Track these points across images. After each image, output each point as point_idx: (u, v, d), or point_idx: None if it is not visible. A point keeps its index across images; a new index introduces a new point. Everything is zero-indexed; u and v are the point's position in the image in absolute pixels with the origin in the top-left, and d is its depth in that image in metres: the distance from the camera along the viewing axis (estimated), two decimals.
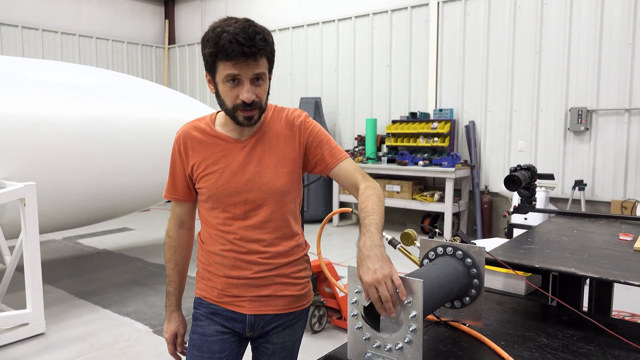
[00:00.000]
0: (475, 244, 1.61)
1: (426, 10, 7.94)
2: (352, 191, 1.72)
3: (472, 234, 7.42)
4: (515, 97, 7.18)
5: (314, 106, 8.63)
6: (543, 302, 1.91)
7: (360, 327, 1.30)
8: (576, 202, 6.58)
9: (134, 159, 5.21)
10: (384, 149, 8.26)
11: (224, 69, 1.53)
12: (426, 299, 1.25)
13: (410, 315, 1.21)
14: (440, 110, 7.66)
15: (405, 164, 7.52)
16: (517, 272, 1.78)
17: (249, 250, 1.69)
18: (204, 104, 6.85)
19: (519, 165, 2.75)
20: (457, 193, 7.48)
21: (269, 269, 1.71)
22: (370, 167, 7.96)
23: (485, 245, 1.72)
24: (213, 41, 1.52)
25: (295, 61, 9.72)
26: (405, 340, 1.23)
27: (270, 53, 1.60)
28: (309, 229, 3.23)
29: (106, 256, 6.64)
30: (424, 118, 7.76)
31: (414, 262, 1.78)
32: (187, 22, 12.09)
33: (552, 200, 6.78)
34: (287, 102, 9.56)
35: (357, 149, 8.47)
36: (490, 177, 7.48)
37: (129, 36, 11.62)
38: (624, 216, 2.81)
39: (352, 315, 1.32)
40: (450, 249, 1.55)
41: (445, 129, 7.36)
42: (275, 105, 1.78)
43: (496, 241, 2.46)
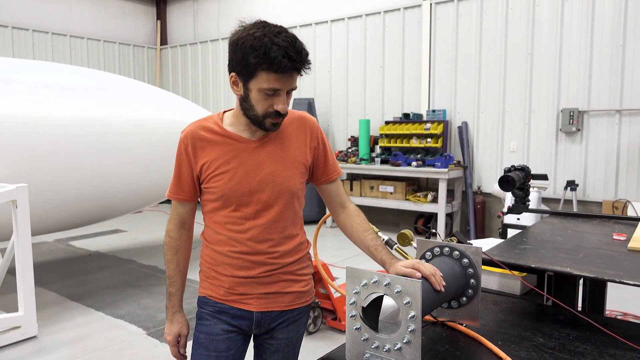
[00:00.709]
0: (472, 244, 1.61)
1: (419, 11, 7.97)
2: (335, 207, 1.85)
3: (465, 235, 7.44)
4: (508, 98, 7.22)
5: (307, 107, 8.62)
6: (538, 302, 1.92)
7: (359, 328, 1.30)
8: (568, 202, 6.63)
9: (126, 160, 5.18)
10: (377, 150, 8.28)
11: (266, 80, 1.53)
12: (424, 300, 1.25)
13: (409, 316, 1.22)
14: (433, 111, 7.69)
15: (398, 165, 7.54)
16: (513, 272, 1.79)
17: (257, 251, 1.70)
18: (196, 104, 6.83)
19: (513, 166, 2.77)
20: (450, 194, 7.50)
21: (275, 268, 1.73)
22: (364, 168, 7.98)
23: (481, 245, 1.73)
24: (261, 51, 1.49)
25: None
26: (403, 341, 1.23)
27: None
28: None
29: (98, 258, 6.60)
30: (417, 119, 7.78)
31: None
32: (179, 23, 12.05)
33: (544, 200, 6.82)
34: None
35: (350, 150, 8.47)
36: (483, 178, 7.51)
37: (121, 37, 11.55)
38: (617, 216, 2.83)
39: (351, 316, 1.32)
40: (447, 249, 1.55)
41: (438, 129, 7.38)
42: None
43: (491, 241, 2.47)
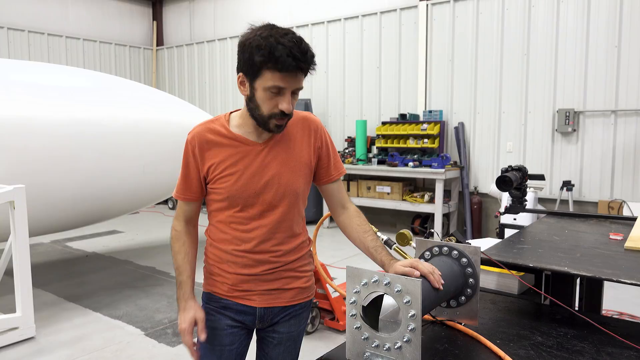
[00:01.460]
0: (470, 243, 1.63)
1: (415, 12, 7.99)
2: (335, 207, 1.87)
3: (462, 235, 7.46)
4: (504, 98, 7.24)
5: (303, 108, 8.62)
6: (536, 301, 1.93)
7: (359, 327, 1.31)
8: (564, 202, 6.66)
9: (123, 161, 5.17)
10: (374, 151, 8.29)
11: (271, 78, 1.55)
12: (424, 299, 1.26)
13: (409, 315, 1.23)
14: (430, 111, 7.71)
15: (395, 165, 7.55)
16: (511, 271, 1.80)
17: (261, 250, 1.73)
18: (193, 105, 6.82)
19: (510, 166, 2.78)
20: (446, 194, 7.52)
21: (278, 266, 1.77)
22: (361, 169, 7.99)
23: (479, 245, 1.74)
24: (267, 50, 1.51)
25: None
26: (404, 340, 1.24)
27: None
28: None
29: (95, 259, 6.59)
30: (413, 119, 7.80)
31: None
32: (175, 24, 12.03)
33: (541, 200, 6.85)
34: None
35: (347, 151, 8.48)
36: (479, 178, 7.53)
37: (117, 38, 11.54)
38: (614, 216, 2.85)
39: (351, 315, 1.33)
40: (445, 248, 1.56)
41: (434, 130, 7.40)
42: None
43: (489, 241, 2.48)
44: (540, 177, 3.14)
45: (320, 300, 4.13)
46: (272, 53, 1.51)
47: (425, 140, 7.51)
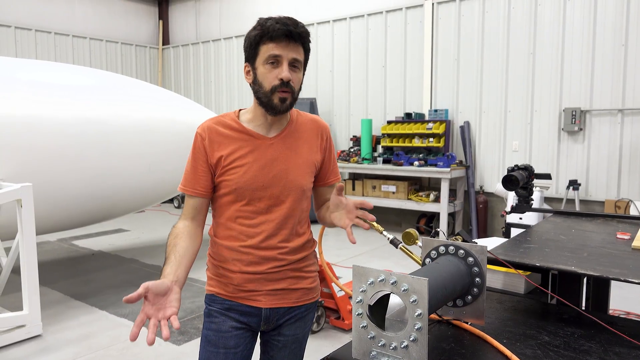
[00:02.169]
0: (477, 243, 1.62)
1: (421, 11, 7.97)
2: (322, 203, 1.91)
3: (468, 234, 7.44)
4: (510, 97, 7.22)
5: (309, 107, 8.63)
6: (543, 301, 1.92)
7: (365, 326, 1.31)
8: (570, 201, 6.63)
9: (129, 160, 5.19)
10: (380, 150, 8.28)
11: (266, 50, 1.63)
12: (431, 298, 1.26)
13: (416, 314, 1.22)
14: (435, 110, 7.69)
15: (400, 165, 7.54)
16: (518, 270, 1.80)
17: (267, 246, 1.73)
18: (198, 104, 6.84)
19: (517, 165, 2.77)
20: (452, 193, 7.51)
21: (284, 264, 1.76)
22: (366, 168, 7.98)
23: (485, 244, 1.73)
24: (260, 24, 1.65)
25: None
26: (410, 339, 1.24)
27: (308, 46, 1.70)
28: None
29: (102, 257, 6.62)
30: (419, 118, 7.78)
31: (416, 262, 1.79)
32: (181, 23, 12.06)
33: (547, 200, 6.82)
34: None
35: (352, 150, 8.48)
36: (485, 177, 7.51)
37: (123, 37, 11.57)
38: (621, 215, 2.83)
39: (357, 314, 1.33)
40: (452, 248, 1.56)
41: (440, 129, 7.39)
42: (296, 109, 1.86)
43: (495, 240, 2.47)
44: (547, 177, 3.13)
45: (326, 299, 4.14)
46: (263, 26, 1.63)
47: (431, 139, 7.50)
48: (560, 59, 6.74)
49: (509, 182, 2.66)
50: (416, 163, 7.39)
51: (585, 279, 2.16)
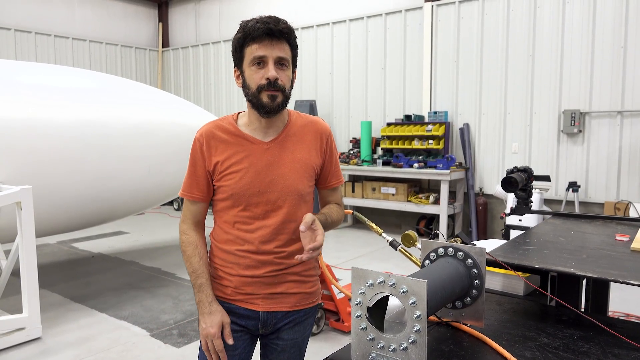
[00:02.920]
0: (476, 245, 1.62)
1: (420, 13, 7.98)
2: (324, 206, 1.92)
3: (467, 236, 7.44)
4: (509, 99, 7.23)
5: (308, 109, 8.64)
6: (542, 302, 1.93)
7: (365, 328, 1.31)
8: (570, 203, 6.63)
9: (128, 163, 5.19)
10: (379, 152, 8.29)
11: (250, 52, 1.64)
12: (430, 300, 1.26)
13: (415, 316, 1.22)
14: (435, 112, 7.70)
15: (400, 167, 7.55)
16: (517, 272, 1.80)
17: (264, 251, 1.73)
18: (198, 106, 6.84)
19: (516, 167, 2.77)
20: (452, 195, 7.51)
21: (282, 268, 1.76)
22: (366, 170, 7.98)
23: (484, 246, 1.74)
24: (242, 27, 1.65)
25: None
26: (409, 341, 1.24)
27: (293, 42, 1.69)
28: None
29: (101, 260, 6.61)
30: (418, 120, 7.79)
31: (415, 264, 1.80)
32: (180, 25, 12.07)
33: (546, 202, 6.82)
34: None
35: (352, 152, 8.48)
36: (484, 179, 7.52)
37: (123, 39, 11.58)
38: (620, 217, 2.84)
39: (357, 316, 1.33)
40: (451, 250, 1.56)
41: (439, 131, 7.39)
42: (297, 111, 1.86)
43: (494, 242, 2.48)
44: (546, 178, 3.13)
45: (326, 302, 4.14)
46: (245, 28, 1.64)
47: (430, 141, 7.50)
48: (560, 61, 6.75)
49: (508, 184, 2.66)
50: (416, 165, 7.40)
51: (584, 281, 2.16)
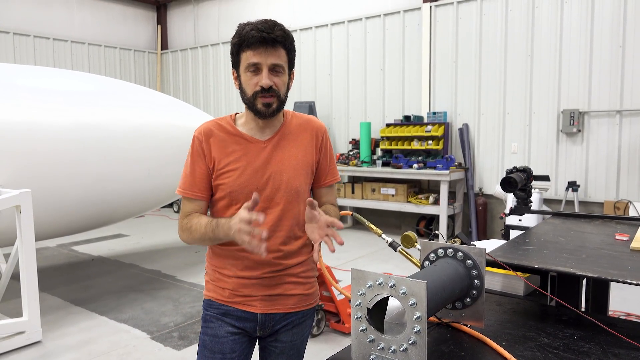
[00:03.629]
0: (475, 245, 1.62)
1: (419, 14, 7.99)
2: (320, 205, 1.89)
3: (467, 236, 7.44)
4: (508, 99, 7.23)
5: (307, 110, 8.64)
6: (542, 302, 1.92)
7: (365, 329, 1.31)
8: (569, 203, 6.63)
9: (128, 165, 5.19)
10: (379, 153, 8.29)
11: (245, 58, 1.66)
12: (429, 301, 1.26)
13: (414, 317, 1.22)
14: (434, 113, 7.70)
15: (399, 167, 7.55)
16: (516, 273, 1.80)
17: None
18: (197, 108, 6.84)
19: (515, 167, 2.77)
20: (451, 195, 7.51)
21: (279, 269, 1.76)
22: (365, 171, 7.99)
23: (484, 246, 1.74)
24: (238, 33, 1.67)
25: None
26: (409, 342, 1.24)
27: (290, 46, 1.70)
28: None
29: (101, 263, 6.61)
30: (417, 121, 7.79)
31: (415, 264, 1.80)
32: (179, 28, 12.08)
33: (546, 201, 6.82)
34: None
35: (351, 153, 8.49)
36: (484, 179, 7.52)
37: (122, 42, 11.59)
38: (619, 216, 2.84)
39: (356, 318, 1.33)
40: (450, 250, 1.56)
41: (439, 131, 7.40)
42: (293, 111, 1.87)
43: (494, 243, 2.48)
44: (545, 178, 3.13)
45: (326, 303, 4.14)
46: (240, 34, 1.65)
47: (430, 141, 7.51)
48: (558, 61, 6.75)
49: (507, 184, 2.66)
50: (415, 166, 7.40)
51: (584, 281, 2.16)
